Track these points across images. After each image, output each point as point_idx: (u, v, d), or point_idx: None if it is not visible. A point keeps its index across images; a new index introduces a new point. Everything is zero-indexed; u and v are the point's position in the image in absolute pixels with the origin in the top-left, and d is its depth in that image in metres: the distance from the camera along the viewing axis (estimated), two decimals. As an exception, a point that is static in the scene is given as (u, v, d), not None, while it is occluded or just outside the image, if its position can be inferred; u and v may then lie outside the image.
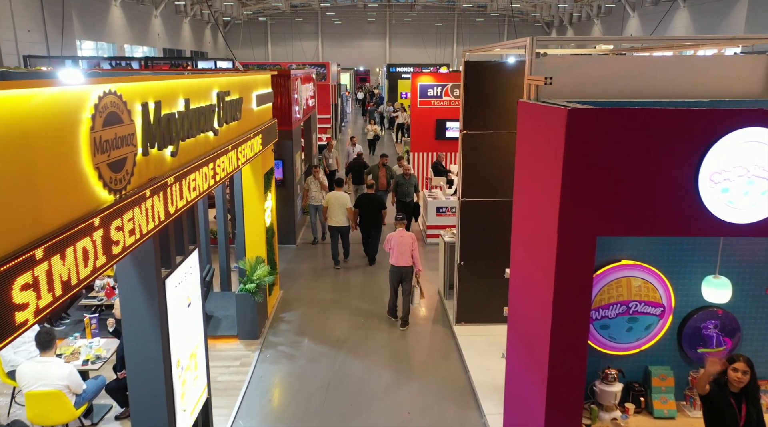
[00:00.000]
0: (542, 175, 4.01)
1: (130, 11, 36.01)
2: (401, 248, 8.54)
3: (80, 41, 30.93)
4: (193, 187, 5.01)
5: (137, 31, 37.65)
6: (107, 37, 33.77)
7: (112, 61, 19.80)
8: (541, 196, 4.07)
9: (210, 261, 9.54)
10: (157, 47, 40.66)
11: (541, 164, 4.05)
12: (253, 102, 7.80)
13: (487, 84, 7.83)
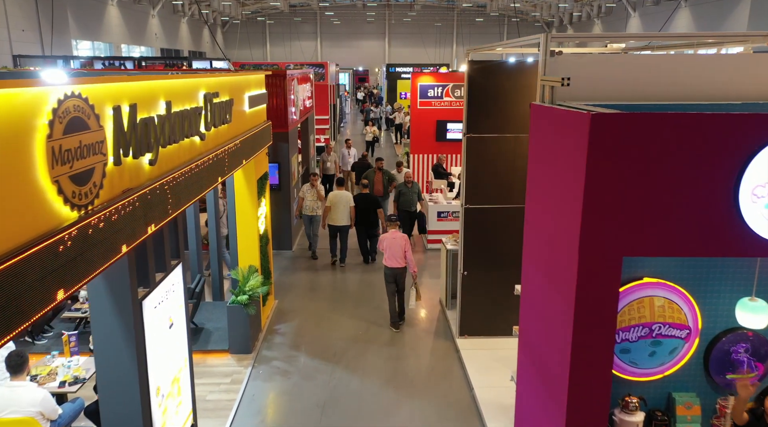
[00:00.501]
0: (560, 186, 3.60)
1: (126, 10, 35.61)
2: (393, 250, 8.47)
3: (76, 41, 30.52)
4: (176, 195, 4.59)
5: (134, 30, 37.26)
6: (104, 37, 33.38)
7: (105, 61, 19.36)
8: (558, 210, 3.65)
9: (201, 269, 9.13)
10: (155, 47, 40.25)
11: (558, 174, 3.64)
12: (245, 104, 7.39)
13: (492, 84, 7.42)
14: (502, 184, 7.66)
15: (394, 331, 8.62)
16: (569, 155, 3.41)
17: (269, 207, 9.22)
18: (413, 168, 17.14)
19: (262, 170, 8.66)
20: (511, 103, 7.44)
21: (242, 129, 7.20)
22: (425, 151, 16.95)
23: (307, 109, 15.20)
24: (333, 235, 11.33)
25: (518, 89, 7.39)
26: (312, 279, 10.81)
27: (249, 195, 8.16)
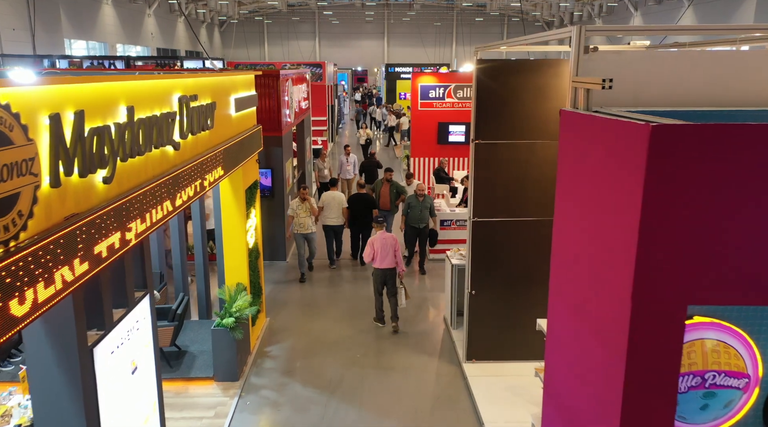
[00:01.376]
0: (605, 212, 2.91)
1: (122, 9, 34.98)
2: (384, 250, 8.44)
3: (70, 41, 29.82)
4: (140, 218, 3.90)
5: (130, 30, 36.64)
6: (98, 36, 32.74)
7: (95, 61, 18.66)
8: (602, 241, 2.96)
9: (186, 287, 8.42)
10: (151, 47, 39.65)
11: (602, 197, 2.96)
12: (230, 107, 6.69)
13: (503, 86, 6.73)
14: (515, 195, 6.97)
15: (391, 332, 8.57)
16: (619, 176, 2.72)
17: (260, 218, 8.52)
18: (414, 172, 16.44)
19: (251, 179, 7.96)
20: (524, 106, 6.75)
21: (227, 135, 6.51)
22: (426, 155, 16.27)
23: (303, 110, 14.50)
24: (329, 235, 11.28)
25: (532, 91, 6.71)
26: (306, 293, 10.11)
27: (236, 207, 7.46)
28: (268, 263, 11.28)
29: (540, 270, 7.14)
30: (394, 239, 8.52)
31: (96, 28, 32.46)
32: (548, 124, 6.78)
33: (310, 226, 10.40)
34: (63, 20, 27.85)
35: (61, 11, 27.46)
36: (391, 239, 8.46)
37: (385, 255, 8.41)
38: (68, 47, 30.08)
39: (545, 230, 7.26)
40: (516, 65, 6.77)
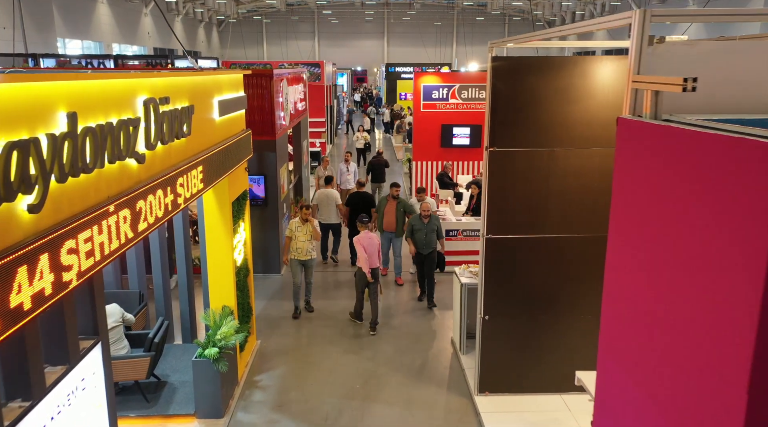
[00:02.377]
0: (698, 257, 2.15)
1: (117, 8, 34.25)
2: (371, 250, 8.48)
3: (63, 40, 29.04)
4: (86, 251, 3.12)
5: (126, 29, 35.92)
6: (93, 36, 32.00)
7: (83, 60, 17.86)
8: (696, 293, 2.20)
9: (168, 308, 7.63)
10: (148, 46, 38.92)
11: (693, 236, 2.19)
12: (213, 110, 5.91)
13: (522, 86, 5.96)
14: (533, 209, 6.20)
15: (369, 332, 8.55)
16: (731, 208, 1.95)
17: (250, 230, 7.75)
18: (415, 176, 15.67)
19: (239, 189, 7.18)
20: (544, 109, 5.98)
21: (209, 142, 5.73)
22: (429, 158, 15.51)
23: (300, 112, 13.73)
24: (325, 233, 11.06)
25: (554, 92, 5.93)
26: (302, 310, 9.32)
27: (222, 222, 6.69)
28: (261, 276, 10.52)
29: (562, 293, 6.39)
30: (378, 238, 8.80)
31: (91, 28, 31.72)
32: (571, 129, 6.02)
33: (309, 251, 8.86)
34: (56, 19, 27.08)
35: (54, 10, 26.69)
36: (376, 239, 8.64)
37: (372, 254, 8.50)
38: (63, 47, 29.31)
39: (568, 248, 6.51)
40: (536, 63, 5.99)
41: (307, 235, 8.85)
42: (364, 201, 10.81)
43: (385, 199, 10.34)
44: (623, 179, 2.79)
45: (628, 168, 2.71)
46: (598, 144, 6.04)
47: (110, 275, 7.65)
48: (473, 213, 11.29)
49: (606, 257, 3.04)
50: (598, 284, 6.60)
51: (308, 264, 9.00)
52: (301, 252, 8.85)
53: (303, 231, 8.83)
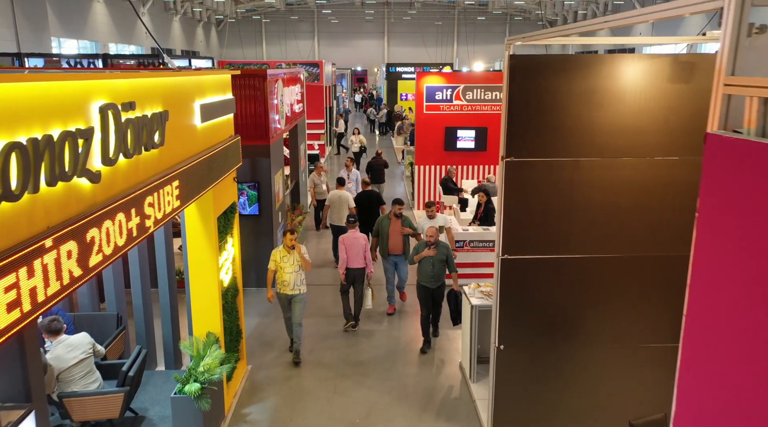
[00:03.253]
0: None
1: (114, 8, 33.63)
2: (354, 249, 8.32)
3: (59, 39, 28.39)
4: (8, 302, 2.44)
5: (123, 28, 35.32)
6: (89, 35, 31.37)
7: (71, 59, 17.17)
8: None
9: (150, 334, 6.93)
10: (145, 46, 38.31)
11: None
12: (194, 116, 5.23)
13: (544, 88, 5.27)
14: (556, 227, 5.51)
15: (351, 330, 8.52)
16: None
17: (239, 247, 7.06)
18: (418, 182, 15.00)
19: (227, 202, 6.50)
20: (570, 113, 5.29)
21: (189, 152, 5.05)
22: (432, 162, 14.85)
23: (297, 114, 13.06)
24: (335, 234, 10.80)
25: (582, 94, 5.24)
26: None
27: (207, 240, 6.00)
28: (254, 291, 9.85)
29: (587, 320, 5.70)
30: (365, 239, 8.45)
31: (87, 27, 31.11)
32: (599, 137, 5.33)
33: (297, 285, 7.41)
34: (50, 18, 26.44)
35: (48, 9, 26.05)
36: (362, 240, 8.39)
37: (354, 254, 8.32)
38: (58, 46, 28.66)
39: (594, 270, 5.80)
40: (559, 62, 5.30)
41: (293, 265, 7.36)
42: (371, 200, 10.79)
43: (387, 219, 8.93)
44: (716, 203, 2.10)
45: (725, 192, 2.03)
46: (629, 153, 5.36)
47: (85, 295, 6.97)
48: (481, 222, 10.61)
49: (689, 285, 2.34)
50: (628, 310, 5.94)
51: (297, 299, 7.45)
52: (287, 286, 7.39)
53: (288, 261, 7.35)
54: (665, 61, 5.21)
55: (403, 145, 24.80)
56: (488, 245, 10.06)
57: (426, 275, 7.73)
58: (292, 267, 7.39)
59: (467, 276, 9.84)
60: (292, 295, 7.45)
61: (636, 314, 5.63)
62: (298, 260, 7.39)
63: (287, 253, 7.38)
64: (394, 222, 8.82)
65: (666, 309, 5.60)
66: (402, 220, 8.86)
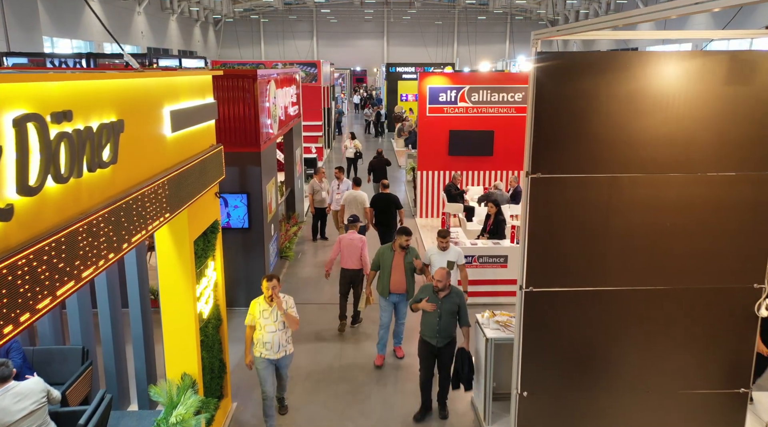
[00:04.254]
0: None
1: (109, 7, 32.91)
2: (350, 250, 8.18)
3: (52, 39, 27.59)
4: None
5: (118, 28, 34.61)
6: (82, 35, 30.62)
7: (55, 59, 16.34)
8: None
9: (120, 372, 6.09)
10: (141, 46, 37.59)
11: None
12: (162, 124, 4.40)
13: (579, 91, 4.44)
14: (590, 254, 4.68)
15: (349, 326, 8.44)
16: None
17: (222, 269, 6.24)
18: (420, 188, 14.17)
19: (206, 221, 5.67)
20: (608, 121, 4.48)
21: (154, 168, 4.22)
22: (435, 168, 14.04)
23: (292, 117, 12.23)
24: None
25: (622, 99, 4.43)
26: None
27: (181, 267, 5.17)
28: (243, 311, 8.97)
29: (624, 363, 4.86)
30: (363, 241, 8.25)
31: (81, 26, 30.37)
32: (641, 150, 4.51)
33: (282, 346, 5.85)
34: (42, 17, 25.65)
35: (40, 7, 25.25)
36: (358, 241, 8.20)
37: (350, 255, 8.17)
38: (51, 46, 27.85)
39: (634, 304, 4.96)
40: (596, 61, 4.46)
41: (276, 322, 5.78)
42: (388, 202, 10.51)
43: (390, 251, 7.35)
44: None
45: None
46: (677, 169, 4.54)
47: (45, 325, 6.14)
48: (490, 235, 9.79)
49: None
50: (673, 352, 5.11)
51: (283, 364, 6.00)
52: (270, 348, 5.81)
53: (270, 317, 5.77)
54: (721, 59, 4.40)
55: (404, 148, 23.98)
56: (499, 261, 9.25)
57: (430, 329, 6.15)
58: (275, 325, 5.79)
59: (475, 295, 9.04)
60: (276, 359, 5.89)
61: (683, 356, 4.81)
62: (281, 316, 5.80)
63: (269, 305, 5.83)
64: (398, 255, 7.31)
65: (718, 350, 4.79)
66: (407, 252, 7.32)
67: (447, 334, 6.14)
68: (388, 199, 10.54)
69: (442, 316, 6.09)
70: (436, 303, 6.10)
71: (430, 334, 6.16)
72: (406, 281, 7.30)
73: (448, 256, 7.34)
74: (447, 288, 6.14)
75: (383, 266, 7.36)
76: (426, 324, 6.21)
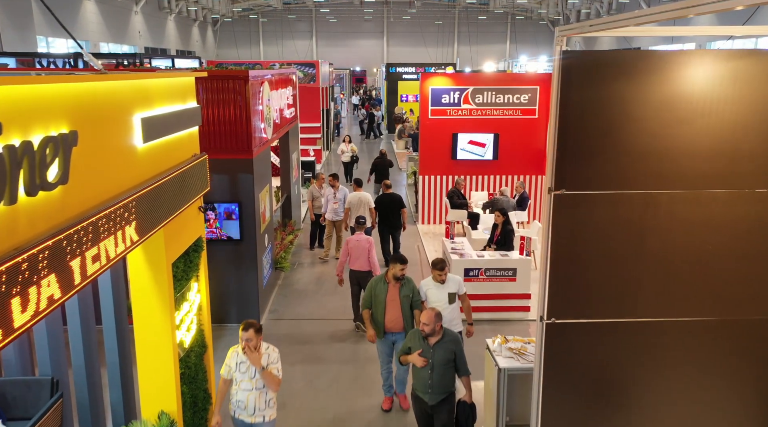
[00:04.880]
0: None
1: (106, 6, 32.40)
2: (358, 252, 8.10)
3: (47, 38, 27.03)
4: None
5: (115, 28, 34.12)
6: (78, 34, 30.07)
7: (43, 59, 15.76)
8: None
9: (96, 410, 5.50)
10: (138, 46, 37.09)
11: None
12: (131, 134, 3.83)
13: (609, 95, 3.86)
14: (621, 281, 4.10)
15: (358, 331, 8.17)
16: None
17: (207, 291, 5.66)
18: (422, 194, 13.59)
19: (188, 239, 5.10)
20: (642, 130, 3.90)
21: (119, 187, 3.64)
22: (438, 172, 13.48)
23: (288, 120, 11.66)
24: None
25: (659, 104, 3.85)
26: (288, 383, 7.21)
27: (156, 293, 4.59)
28: (235, 327, 8.39)
29: (661, 404, 4.29)
30: (370, 242, 8.15)
31: (77, 26, 29.85)
32: (680, 162, 3.93)
33: (259, 409, 4.74)
34: (36, 16, 25.10)
35: (34, 6, 24.70)
36: (365, 242, 8.12)
37: (357, 256, 8.10)
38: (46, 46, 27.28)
39: (674, 337, 4.33)
40: (632, 60, 3.88)
41: (255, 380, 4.70)
42: (392, 202, 10.51)
43: (383, 283, 6.23)
44: None
45: None
46: (722, 184, 3.96)
47: (10, 353, 5.55)
48: (498, 246, 9.21)
49: None
50: (718, 394, 4.51)
51: None
52: (244, 408, 4.74)
53: (248, 373, 4.73)
54: (774, 58, 3.82)
55: (404, 151, 23.42)
56: (507, 274, 8.67)
57: (421, 383, 5.11)
58: (252, 382, 4.70)
59: (481, 310, 8.46)
60: (254, 423, 4.79)
61: (728, 398, 4.24)
62: (260, 370, 4.67)
63: (244, 361, 4.72)
64: (392, 288, 6.20)
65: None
66: (402, 285, 6.22)
67: (442, 389, 5.06)
68: (392, 200, 10.59)
69: (434, 367, 5.02)
70: (426, 354, 5.03)
71: (421, 389, 5.13)
72: (404, 317, 6.18)
73: (447, 288, 6.26)
74: (438, 332, 5.04)
75: (376, 302, 6.23)
76: (417, 377, 5.16)
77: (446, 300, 6.19)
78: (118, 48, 34.53)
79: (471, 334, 6.34)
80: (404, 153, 22.67)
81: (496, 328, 8.44)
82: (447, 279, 6.27)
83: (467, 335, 6.35)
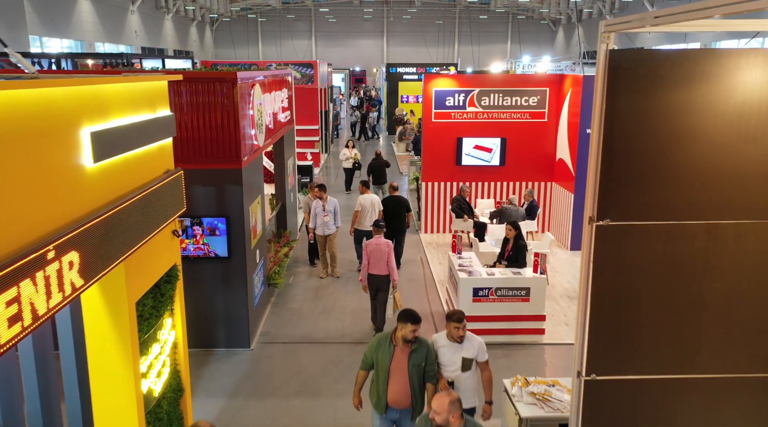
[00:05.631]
0: None
1: (101, 5, 31.71)
2: (377, 256, 7.99)
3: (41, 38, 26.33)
4: None
5: (111, 27, 33.44)
6: (73, 34, 29.45)
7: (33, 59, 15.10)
8: None
9: None
10: (135, 45, 36.39)
11: None
12: (77, 152, 3.09)
13: (666, 105, 3.14)
14: (678, 330, 3.38)
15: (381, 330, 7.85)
16: None
17: (184, 325, 4.93)
18: (425, 202, 12.86)
19: (157, 271, 4.36)
20: (704, 148, 3.17)
21: (58, 220, 2.91)
22: (441, 179, 12.76)
23: (282, 124, 10.92)
24: (359, 240, 10.10)
25: (725, 116, 3.12)
26: (278, 420, 6.47)
27: (116, 339, 3.84)
28: (224, 353, 7.71)
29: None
30: (389, 246, 8.04)
31: (71, 25, 29.18)
32: (750, 187, 3.21)
33: None
34: (29, 15, 24.39)
35: (26, 5, 23.99)
36: (385, 246, 8.02)
37: (376, 261, 8.00)
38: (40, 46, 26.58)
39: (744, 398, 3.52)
40: (700, 61, 3.15)
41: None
42: (398, 204, 10.43)
43: (389, 344, 4.76)
44: None
45: None
46: (802, 213, 3.23)
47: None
48: (509, 263, 8.47)
49: None
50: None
51: None
52: None
53: None
54: None
55: (405, 153, 22.70)
56: (520, 294, 7.93)
57: None
58: None
59: (491, 332, 7.71)
60: None
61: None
62: None
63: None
64: (400, 352, 4.74)
65: None
66: (413, 350, 4.72)
67: None
68: (398, 202, 10.50)
69: None
70: None
71: None
72: (412, 391, 4.72)
73: (463, 351, 4.87)
74: (455, 425, 3.73)
75: (378, 366, 4.79)
76: None
77: (459, 365, 4.84)
78: (114, 48, 33.84)
79: (489, 415, 4.94)
80: (405, 156, 21.95)
81: (508, 352, 7.73)
82: (466, 338, 4.90)
83: (484, 417, 4.95)
